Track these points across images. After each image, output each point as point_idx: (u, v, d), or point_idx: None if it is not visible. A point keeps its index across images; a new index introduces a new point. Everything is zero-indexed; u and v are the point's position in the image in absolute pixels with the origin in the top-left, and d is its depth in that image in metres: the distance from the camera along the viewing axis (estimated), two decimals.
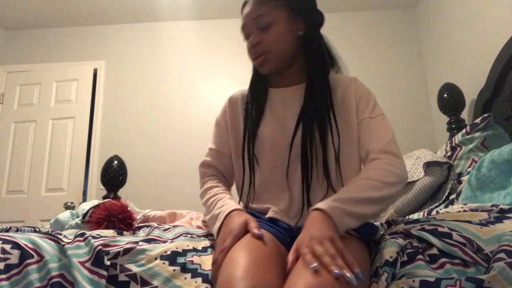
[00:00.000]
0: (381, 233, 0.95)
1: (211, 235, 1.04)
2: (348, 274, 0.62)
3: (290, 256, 0.72)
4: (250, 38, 1.01)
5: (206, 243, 0.93)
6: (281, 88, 1.06)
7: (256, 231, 0.81)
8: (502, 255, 0.68)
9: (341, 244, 0.70)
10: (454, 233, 0.78)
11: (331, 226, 0.74)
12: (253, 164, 1.02)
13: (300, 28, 1.01)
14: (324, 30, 1.07)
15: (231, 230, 0.83)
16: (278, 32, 0.98)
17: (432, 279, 0.68)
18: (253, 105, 1.05)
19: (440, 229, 0.80)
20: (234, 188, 1.13)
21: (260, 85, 1.08)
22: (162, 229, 1.09)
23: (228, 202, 0.96)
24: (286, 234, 0.91)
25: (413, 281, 0.69)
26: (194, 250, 0.87)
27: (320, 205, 0.78)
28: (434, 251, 0.77)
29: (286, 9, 1.00)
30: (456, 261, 0.74)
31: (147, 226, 1.24)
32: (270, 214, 0.97)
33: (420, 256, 0.75)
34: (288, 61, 1.02)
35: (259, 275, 0.70)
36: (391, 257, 0.75)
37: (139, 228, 1.32)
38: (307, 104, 0.97)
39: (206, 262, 0.84)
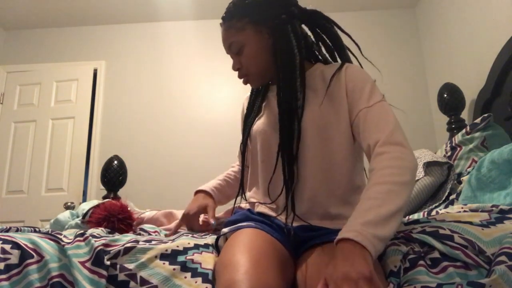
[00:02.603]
0: None
1: (212, 235, 1.05)
2: None
3: None
4: (232, 62, 1.05)
5: (208, 241, 0.93)
6: (275, 85, 1.08)
7: (212, 220, 1.07)
8: (503, 258, 0.68)
9: (379, 283, 0.61)
10: (455, 235, 0.77)
11: (367, 259, 0.63)
12: (244, 160, 1.06)
13: (269, 36, 1.00)
14: None
15: (191, 208, 1.13)
16: (250, 53, 1.00)
17: (434, 285, 0.68)
18: (252, 102, 1.10)
19: (441, 231, 0.80)
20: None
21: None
22: (161, 232, 1.10)
23: (208, 184, 1.21)
24: (281, 231, 0.91)
25: (415, 287, 0.69)
26: (196, 247, 0.87)
27: (350, 234, 0.66)
28: (436, 254, 0.76)
29: (251, 25, 1.00)
30: (458, 263, 0.73)
31: (145, 231, 1.25)
32: (258, 209, 0.99)
33: (421, 262, 0.75)
34: (272, 71, 1.02)
35: (259, 276, 0.70)
36: (395, 266, 0.74)
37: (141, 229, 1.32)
38: (280, 105, 0.94)
39: (207, 259, 0.84)
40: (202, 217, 1.16)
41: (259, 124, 1.03)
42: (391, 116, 0.86)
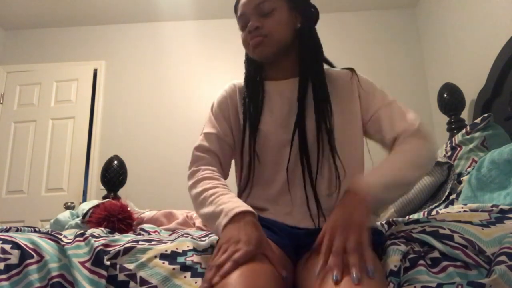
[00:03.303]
0: None
1: (211, 236, 1.03)
2: (354, 274, 0.61)
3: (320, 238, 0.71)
4: (250, 23, 0.98)
5: (207, 244, 0.92)
6: (277, 81, 1.03)
7: (283, 273, 0.72)
8: (503, 258, 0.68)
9: (366, 235, 0.68)
10: (455, 235, 0.77)
11: (364, 210, 0.72)
12: (254, 161, 0.96)
13: (297, 21, 1.01)
14: (325, 30, 1.07)
15: (248, 240, 0.71)
16: (279, 19, 0.98)
17: (434, 284, 0.68)
18: (251, 99, 1.01)
19: (441, 231, 0.80)
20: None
21: (255, 79, 1.05)
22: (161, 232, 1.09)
23: (237, 200, 0.83)
24: (287, 237, 0.88)
25: (415, 287, 0.69)
26: (195, 250, 0.87)
27: (357, 186, 0.76)
28: (436, 254, 0.76)
29: (286, 0, 1.00)
30: (458, 263, 0.73)
31: (145, 231, 1.24)
32: (269, 215, 0.94)
33: (421, 261, 0.74)
34: (283, 51, 1.00)
35: (253, 280, 0.66)
36: (395, 266, 0.74)
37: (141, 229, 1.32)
38: (301, 97, 0.95)
39: (207, 260, 0.84)
40: None
41: (267, 122, 0.98)
42: (411, 111, 0.94)
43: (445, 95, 2.31)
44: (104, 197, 2.18)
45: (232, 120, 1.03)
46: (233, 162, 1.06)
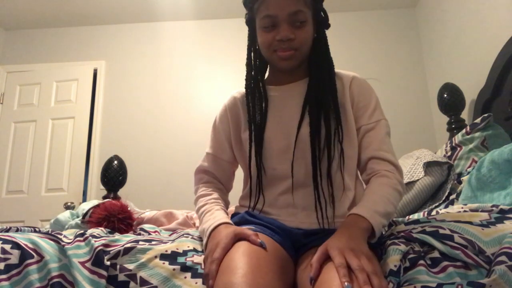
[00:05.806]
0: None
1: None
2: None
3: (315, 263, 0.70)
4: (283, 31, 0.94)
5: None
6: (281, 85, 1.04)
7: (255, 238, 0.79)
8: (503, 258, 0.68)
9: (378, 264, 0.69)
10: (455, 235, 0.77)
11: (364, 236, 0.76)
12: (261, 171, 0.97)
13: (315, 30, 1.01)
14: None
15: (218, 242, 0.80)
16: (308, 32, 0.97)
17: (434, 284, 0.68)
18: (255, 107, 1.01)
19: (441, 231, 0.80)
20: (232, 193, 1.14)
21: (258, 85, 1.04)
22: (161, 232, 1.09)
23: (216, 215, 0.92)
24: (285, 235, 0.89)
25: (415, 287, 0.69)
26: (195, 250, 0.87)
27: (361, 211, 0.80)
28: (436, 254, 0.76)
29: (312, 10, 0.99)
30: (458, 263, 0.73)
31: (145, 231, 1.24)
32: (271, 217, 0.95)
33: (421, 261, 0.74)
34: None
35: (257, 280, 0.68)
36: (395, 265, 0.74)
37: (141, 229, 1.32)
38: (310, 100, 0.96)
39: None
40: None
41: (270, 128, 0.98)
42: (383, 136, 0.96)
43: (445, 95, 2.31)
44: (104, 197, 2.18)
45: (233, 133, 1.06)
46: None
